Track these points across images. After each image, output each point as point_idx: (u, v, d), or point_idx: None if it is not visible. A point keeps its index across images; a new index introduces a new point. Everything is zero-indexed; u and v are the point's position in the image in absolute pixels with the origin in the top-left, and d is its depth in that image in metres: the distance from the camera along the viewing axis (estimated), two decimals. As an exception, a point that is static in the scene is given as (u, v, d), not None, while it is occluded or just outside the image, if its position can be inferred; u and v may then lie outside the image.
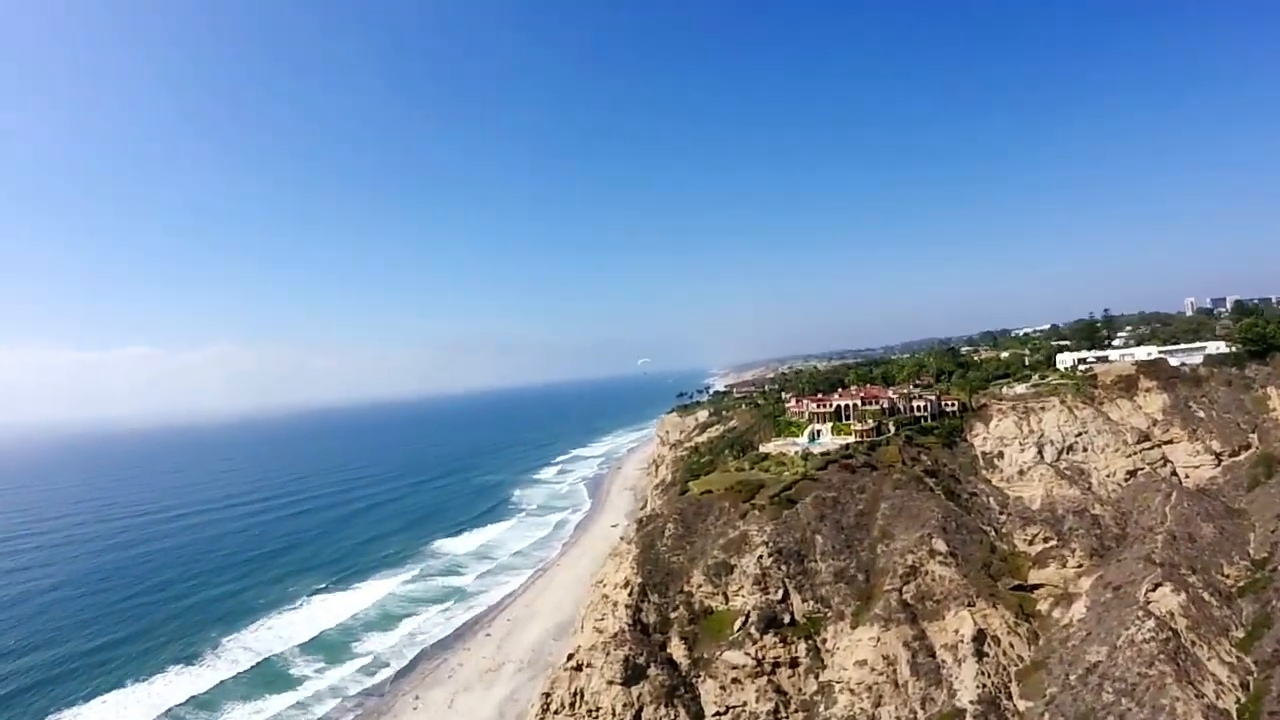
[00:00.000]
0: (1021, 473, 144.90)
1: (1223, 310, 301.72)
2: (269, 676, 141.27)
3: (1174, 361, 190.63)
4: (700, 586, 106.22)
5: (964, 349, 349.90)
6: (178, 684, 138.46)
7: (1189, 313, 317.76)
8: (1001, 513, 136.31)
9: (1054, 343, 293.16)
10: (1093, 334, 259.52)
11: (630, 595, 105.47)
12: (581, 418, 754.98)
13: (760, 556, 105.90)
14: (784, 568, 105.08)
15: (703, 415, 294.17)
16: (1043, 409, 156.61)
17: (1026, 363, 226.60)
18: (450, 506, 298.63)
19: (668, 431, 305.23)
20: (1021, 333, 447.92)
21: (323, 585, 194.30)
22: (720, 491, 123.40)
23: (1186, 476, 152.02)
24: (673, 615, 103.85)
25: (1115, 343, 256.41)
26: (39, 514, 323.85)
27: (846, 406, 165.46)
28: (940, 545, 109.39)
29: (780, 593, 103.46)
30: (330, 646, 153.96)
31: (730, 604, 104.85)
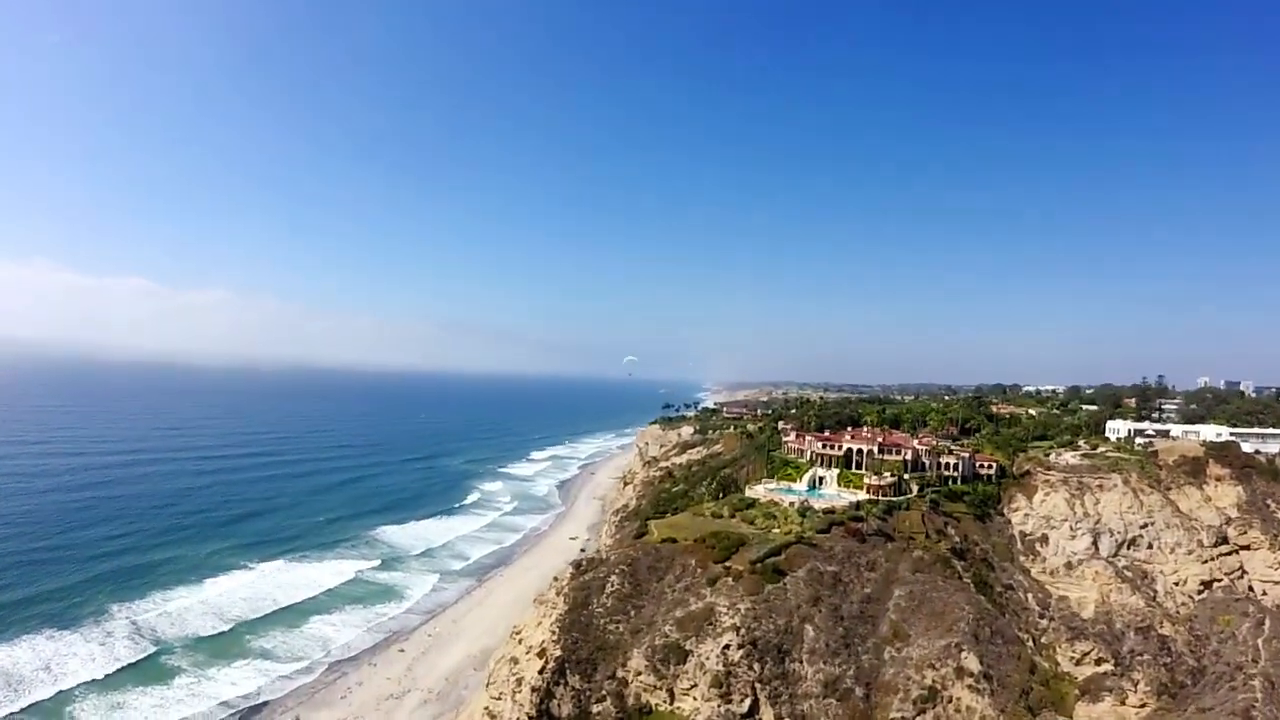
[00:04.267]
0: (1070, 566, 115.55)
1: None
2: (141, 669, 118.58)
3: (1247, 447, 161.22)
4: (639, 675, 77.44)
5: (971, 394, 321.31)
6: (28, 655, 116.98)
7: (1249, 393, 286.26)
8: (1042, 616, 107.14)
9: (1085, 406, 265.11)
10: (1146, 402, 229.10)
11: (543, 672, 76.82)
12: (568, 414, 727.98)
13: (727, 646, 76.98)
14: (757, 667, 76.11)
15: (687, 432, 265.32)
16: (1100, 487, 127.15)
17: (1063, 424, 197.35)
18: (410, 490, 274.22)
19: (647, 444, 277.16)
20: (1033, 389, 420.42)
21: (249, 563, 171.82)
22: (687, 543, 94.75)
23: (1264, 593, 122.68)
24: (595, 709, 75.38)
25: (1170, 415, 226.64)
26: None
27: (859, 452, 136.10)
28: (972, 662, 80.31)
29: (747, 702, 74.62)
30: (223, 639, 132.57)
31: (676, 705, 76.18)
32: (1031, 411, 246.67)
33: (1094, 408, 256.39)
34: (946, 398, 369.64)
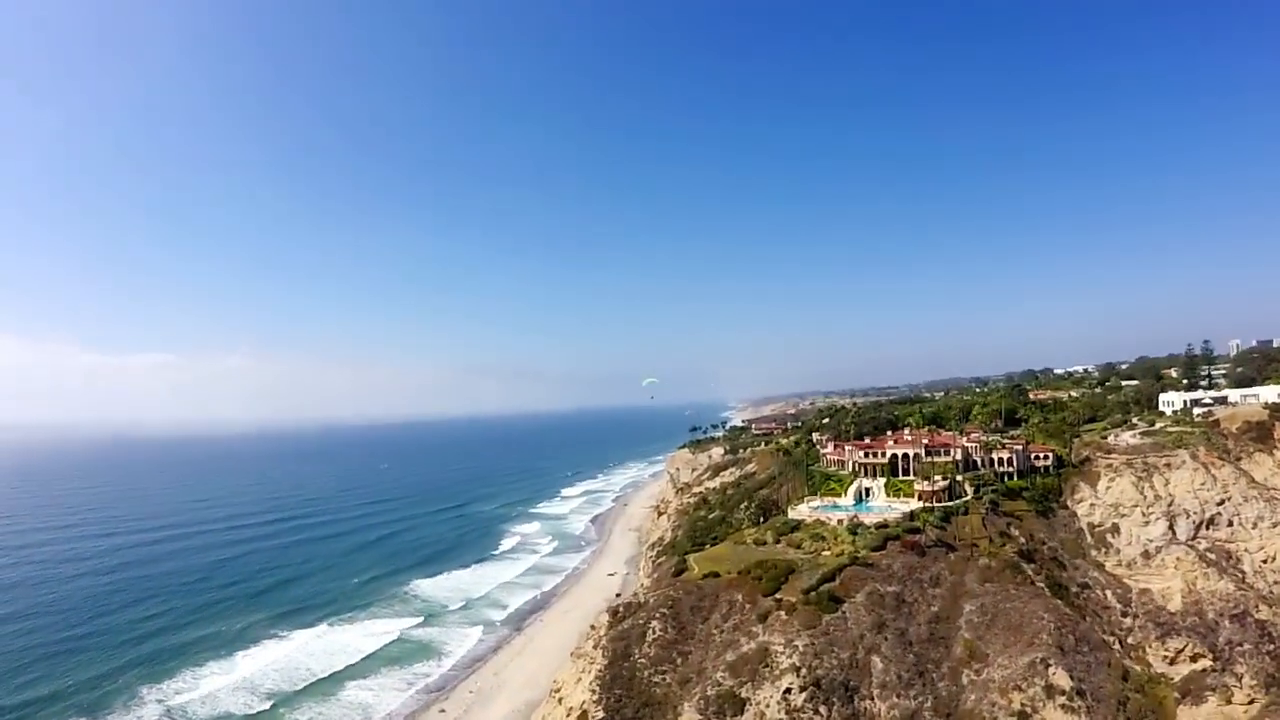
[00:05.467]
0: (1148, 555, 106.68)
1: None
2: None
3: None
4: (696, 730, 70.31)
5: (1002, 386, 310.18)
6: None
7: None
8: (1125, 614, 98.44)
9: (1124, 383, 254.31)
10: (1192, 370, 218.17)
11: (589, 738, 69.98)
12: (596, 447, 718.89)
13: (788, 690, 69.84)
14: (824, 710, 68.91)
15: (717, 453, 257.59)
16: (1168, 466, 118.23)
17: (1110, 403, 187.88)
18: (445, 541, 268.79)
19: (678, 470, 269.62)
20: (1064, 372, 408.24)
21: (284, 632, 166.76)
22: (731, 576, 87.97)
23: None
24: (651, 775, 68.25)
25: (1219, 381, 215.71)
26: (26, 525, 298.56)
27: (904, 457, 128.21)
28: (1062, 678, 72.53)
29: (818, 751, 67.25)
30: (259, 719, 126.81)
31: (741, 761, 68.87)
32: (1073, 394, 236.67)
33: (1134, 383, 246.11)
34: (978, 390, 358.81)
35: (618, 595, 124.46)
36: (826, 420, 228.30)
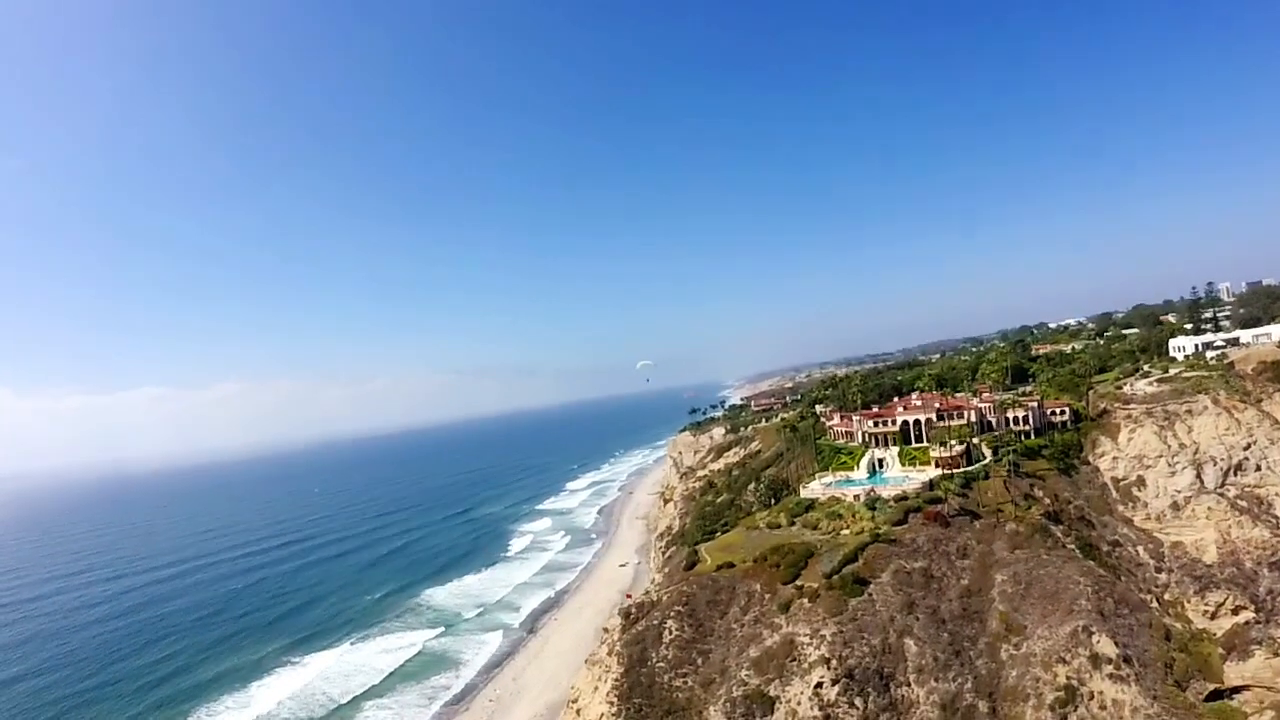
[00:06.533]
0: (1177, 507, 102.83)
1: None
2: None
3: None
4: (726, 733, 66.34)
5: (1000, 345, 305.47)
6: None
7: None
8: (1160, 570, 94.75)
9: (1124, 331, 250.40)
10: (1197, 314, 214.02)
11: (613, 751, 66.05)
12: (598, 438, 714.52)
13: (819, 684, 65.87)
14: (859, 702, 64.97)
15: (718, 434, 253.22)
16: (1189, 413, 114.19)
17: (1117, 352, 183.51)
18: (457, 548, 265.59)
19: (680, 453, 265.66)
20: (1058, 325, 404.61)
21: (301, 659, 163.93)
22: (747, 565, 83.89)
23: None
24: (683, 784, 64.32)
25: (1223, 324, 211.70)
26: (33, 577, 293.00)
27: (916, 422, 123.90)
28: (1106, 645, 68.58)
29: (857, 745, 63.32)
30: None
31: (775, 763, 64.95)
32: (1075, 346, 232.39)
33: (1134, 331, 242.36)
34: (975, 349, 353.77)
35: (628, 597, 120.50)
36: (829, 391, 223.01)
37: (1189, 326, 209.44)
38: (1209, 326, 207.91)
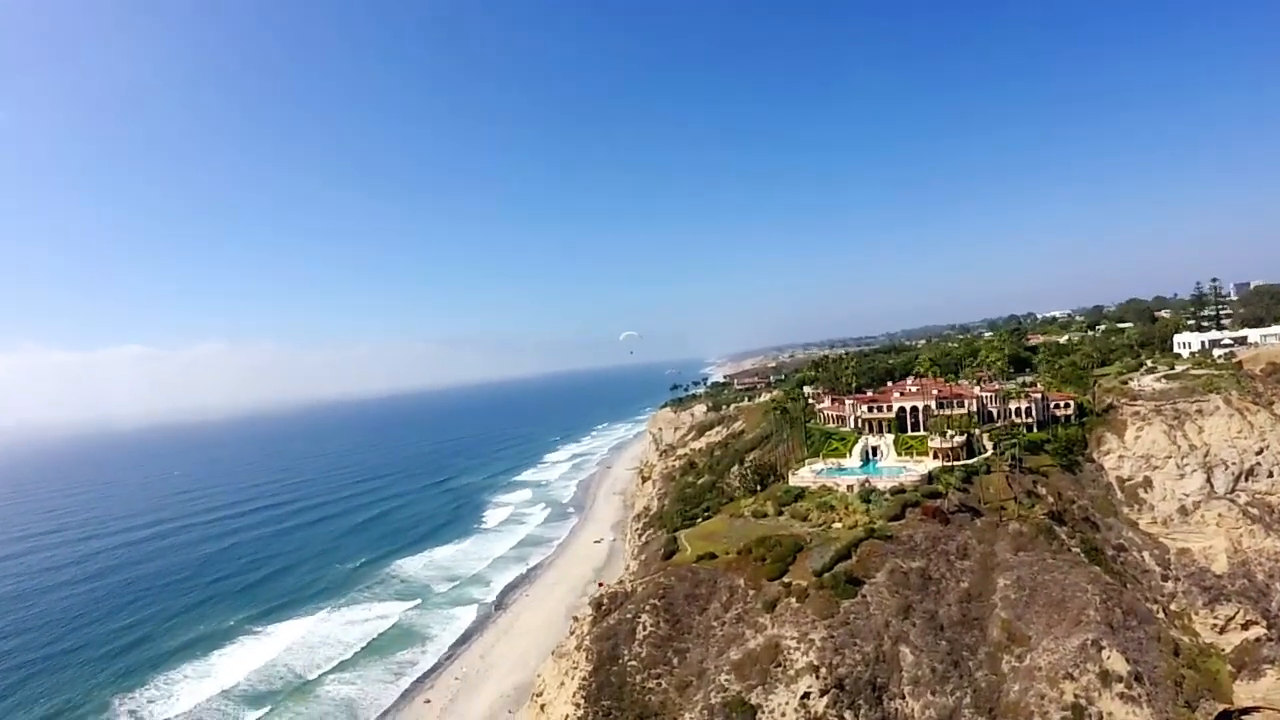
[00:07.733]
0: (1185, 511, 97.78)
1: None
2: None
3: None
4: (702, 743, 60.86)
5: (987, 334, 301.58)
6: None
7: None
8: (1166, 578, 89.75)
9: (1118, 325, 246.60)
10: (1199, 310, 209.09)
11: (579, 758, 60.48)
12: (579, 410, 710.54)
13: (807, 694, 60.39)
14: (851, 715, 59.45)
15: (700, 411, 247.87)
16: (1200, 412, 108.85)
17: (1117, 345, 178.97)
18: (435, 518, 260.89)
19: (660, 430, 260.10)
20: (1048, 316, 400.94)
21: (269, 628, 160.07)
22: (730, 557, 78.04)
23: None
24: (654, 797, 58.93)
25: (1225, 322, 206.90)
26: (1, 536, 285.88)
27: (913, 409, 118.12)
28: (1117, 661, 63.47)
29: (845, 763, 58.01)
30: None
31: (756, 777, 59.60)
32: (1073, 338, 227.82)
33: (1128, 325, 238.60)
34: (962, 336, 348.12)
35: (600, 585, 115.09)
36: (819, 372, 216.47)
37: (1191, 323, 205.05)
38: (1210, 324, 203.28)
